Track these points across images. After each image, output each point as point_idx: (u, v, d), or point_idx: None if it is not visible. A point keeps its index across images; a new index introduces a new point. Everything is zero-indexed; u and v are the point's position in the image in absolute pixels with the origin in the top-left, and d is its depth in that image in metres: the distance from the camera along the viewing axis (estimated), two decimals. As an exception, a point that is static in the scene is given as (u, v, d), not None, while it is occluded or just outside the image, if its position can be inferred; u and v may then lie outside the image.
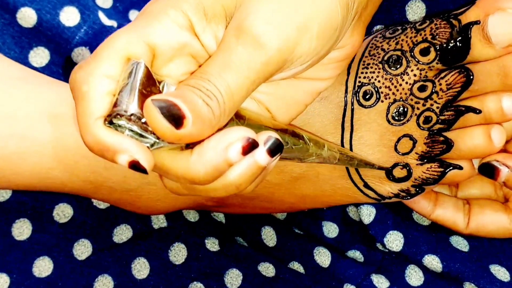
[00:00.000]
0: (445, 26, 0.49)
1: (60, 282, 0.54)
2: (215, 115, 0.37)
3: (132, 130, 0.37)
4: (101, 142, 0.37)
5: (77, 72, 0.39)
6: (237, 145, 0.38)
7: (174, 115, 0.35)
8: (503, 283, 0.56)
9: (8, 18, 0.56)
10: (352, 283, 0.57)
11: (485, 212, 0.55)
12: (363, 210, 0.58)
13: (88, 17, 0.57)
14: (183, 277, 0.55)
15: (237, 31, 0.39)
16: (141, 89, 0.38)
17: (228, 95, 0.38)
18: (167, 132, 0.36)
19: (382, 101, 0.51)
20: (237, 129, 0.39)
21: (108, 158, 0.38)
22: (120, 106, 0.37)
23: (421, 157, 0.52)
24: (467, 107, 0.50)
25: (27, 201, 0.56)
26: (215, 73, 0.38)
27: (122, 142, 0.37)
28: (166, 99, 0.36)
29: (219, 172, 0.39)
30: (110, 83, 0.38)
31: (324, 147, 0.47)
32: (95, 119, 0.38)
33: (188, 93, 0.37)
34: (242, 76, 0.38)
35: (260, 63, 0.39)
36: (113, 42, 0.39)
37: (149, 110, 0.35)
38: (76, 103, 0.39)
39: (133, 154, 0.37)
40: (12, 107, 0.51)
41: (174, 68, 0.42)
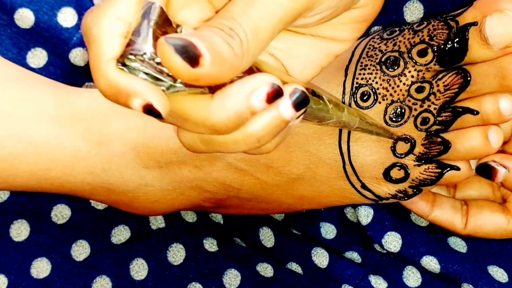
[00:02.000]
0: (443, 27, 0.49)
1: (58, 283, 0.54)
2: (236, 54, 0.35)
3: (146, 74, 0.35)
4: (114, 85, 0.35)
5: (88, 16, 0.37)
6: (262, 91, 0.36)
7: (190, 52, 0.33)
8: (501, 284, 0.56)
9: (5, 19, 0.56)
10: (350, 284, 0.57)
11: (483, 213, 0.55)
12: (360, 211, 0.58)
13: (85, 18, 0.57)
14: (182, 277, 0.55)
15: None
16: (156, 29, 0.36)
17: (253, 34, 0.36)
18: (181, 70, 0.34)
19: (380, 102, 0.51)
20: (262, 75, 0.37)
21: (122, 103, 0.36)
22: (133, 46, 0.35)
23: (418, 158, 0.52)
24: (465, 108, 0.50)
25: (25, 202, 0.56)
26: (239, 10, 0.36)
27: (135, 84, 0.35)
28: (181, 37, 0.34)
29: (242, 120, 0.37)
30: (122, 25, 0.36)
31: (344, 110, 0.45)
32: (107, 60, 0.35)
33: (207, 32, 0.35)
34: (269, 12, 0.36)
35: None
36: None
37: (162, 47, 0.33)
38: (88, 47, 0.37)
39: (147, 97, 0.35)
40: (9, 108, 0.51)
41: (190, 14, 0.40)
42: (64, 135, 0.52)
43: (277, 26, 0.37)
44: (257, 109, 0.37)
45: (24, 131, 0.51)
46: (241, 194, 0.55)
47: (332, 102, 0.44)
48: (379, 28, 0.56)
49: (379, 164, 0.52)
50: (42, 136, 0.51)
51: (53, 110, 0.52)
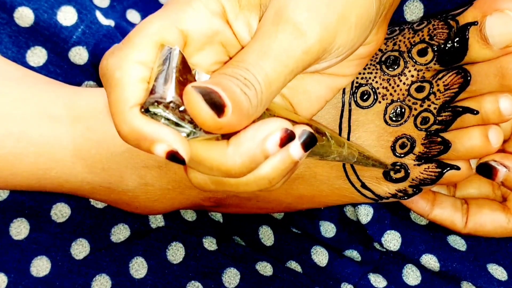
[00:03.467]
0: (443, 27, 0.49)
1: (57, 281, 0.54)
2: (252, 104, 0.36)
3: (168, 119, 0.36)
4: (137, 131, 0.36)
5: (109, 58, 0.38)
6: (276, 136, 0.38)
7: (216, 102, 0.34)
8: (501, 282, 0.56)
9: (5, 17, 0.56)
10: (349, 282, 0.57)
11: (483, 211, 0.55)
12: (360, 210, 0.58)
13: (85, 17, 0.57)
14: (181, 276, 0.56)
15: (276, 18, 0.38)
16: (178, 76, 0.36)
17: (266, 84, 0.37)
18: (208, 120, 0.35)
19: (380, 101, 0.51)
20: (275, 120, 0.38)
21: (144, 148, 0.37)
22: (158, 93, 0.36)
23: (418, 158, 0.52)
24: (465, 108, 0.50)
25: (25, 201, 0.56)
26: (252, 61, 0.37)
27: (159, 131, 0.36)
28: (206, 86, 0.34)
29: (256, 164, 0.38)
30: (144, 70, 0.37)
31: (344, 145, 0.46)
32: (130, 107, 0.36)
33: (227, 82, 0.36)
34: (281, 64, 0.37)
35: (300, 51, 0.38)
36: (146, 27, 0.38)
37: (190, 96, 0.34)
38: (109, 90, 0.37)
39: (171, 144, 0.36)
40: (8, 107, 0.51)
41: (204, 57, 0.41)
42: (64, 134, 0.51)
43: (289, 77, 0.38)
44: (270, 153, 0.38)
45: (24, 131, 0.51)
46: (241, 194, 0.55)
47: (334, 138, 0.45)
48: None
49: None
50: (42, 136, 0.51)
51: (53, 109, 0.52)
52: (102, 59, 0.39)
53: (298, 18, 0.38)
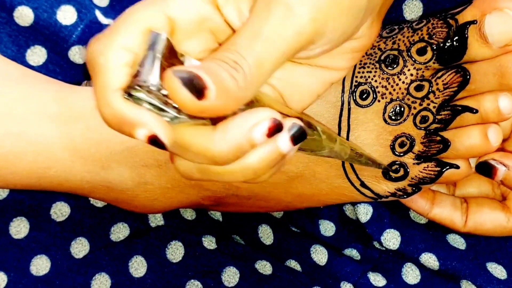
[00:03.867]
0: (442, 26, 0.49)
1: (57, 280, 0.54)
2: (240, 87, 0.36)
3: (151, 104, 0.36)
4: (119, 115, 0.36)
5: (94, 44, 0.38)
6: (263, 125, 0.37)
7: (196, 85, 0.34)
8: (500, 281, 0.56)
9: (5, 16, 0.56)
10: (349, 281, 0.57)
11: (482, 210, 0.55)
12: (360, 209, 0.58)
13: (85, 16, 0.57)
14: (180, 275, 0.56)
15: (268, 0, 0.38)
16: (163, 61, 0.36)
17: (257, 66, 0.37)
18: (188, 103, 0.34)
19: (379, 100, 0.51)
20: (264, 110, 0.38)
21: (126, 133, 0.37)
22: (140, 77, 0.36)
23: (417, 157, 0.52)
24: (464, 107, 0.50)
25: (24, 200, 0.56)
26: (243, 43, 0.37)
27: (141, 116, 0.36)
28: (187, 70, 0.34)
29: (241, 152, 0.38)
30: (128, 55, 0.37)
31: (336, 141, 0.46)
32: (113, 90, 0.36)
33: (213, 65, 0.35)
34: (273, 46, 0.37)
35: (292, 32, 0.38)
36: (132, 13, 0.38)
37: (169, 80, 0.34)
38: (93, 76, 0.38)
39: (152, 128, 0.36)
40: (8, 106, 0.51)
41: (193, 44, 0.41)
42: (64, 133, 0.51)
43: (280, 59, 0.38)
44: (257, 142, 0.37)
45: (24, 130, 0.51)
46: (240, 192, 0.55)
47: (326, 133, 0.45)
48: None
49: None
50: (42, 135, 0.51)
51: (53, 108, 0.52)
52: (88, 46, 0.38)
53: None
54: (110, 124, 0.37)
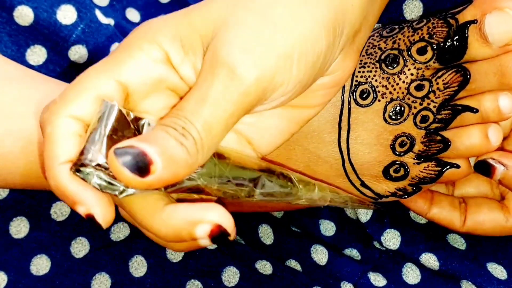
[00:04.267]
0: (442, 25, 0.49)
1: (57, 280, 0.54)
2: (191, 154, 0.36)
3: (100, 177, 0.37)
4: (62, 189, 0.37)
5: (44, 112, 0.38)
6: (207, 227, 0.37)
7: (139, 162, 0.34)
8: (500, 281, 0.56)
9: (5, 16, 0.56)
10: (349, 281, 0.57)
11: (481, 210, 0.55)
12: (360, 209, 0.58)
13: (85, 15, 0.57)
14: (181, 274, 0.56)
15: (212, 62, 0.38)
16: (111, 135, 0.37)
17: (206, 131, 0.37)
18: (132, 182, 0.35)
19: (379, 100, 0.51)
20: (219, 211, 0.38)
21: (68, 204, 0.38)
22: (86, 155, 0.36)
23: (418, 156, 0.52)
24: (464, 106, 0.50)
25: (25, 200, 0.56)
26: (191, 109, 0.37)
27: (81, 193, 0.37)
28: (131, 145, 0.35)
29: (181, 239, 0.38)
30: (77, 124, 0.37)
31: (315, 189, 0.46)
32: (59, 164, 0.37)
33: (160, 134, 0.36)
34: (219, 109, 0.37)
35: (237, 93, 0.37)
36: (82, 81, 0.38)
37: (111, 160, 0.34)
38: (44, 145, 0.38)
39: (90, 208, 0.37)
40: (8, 105, 0.51)
41: (152, 103, 0.41)
42: None
43: (230, 120, 0.38)
44: (197, 238, 0.38)
45: (24, 129, 0.51)
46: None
47: (302, 182, 0.45)
48: (378, 25, 0.56)
49: (378, 162, 0.52)
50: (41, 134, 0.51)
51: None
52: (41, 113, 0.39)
53: (232, 60, 0.38)
54: (55, 193, 0.38)
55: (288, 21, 0.39)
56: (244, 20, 0.39)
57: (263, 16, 0.39)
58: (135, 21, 0.64)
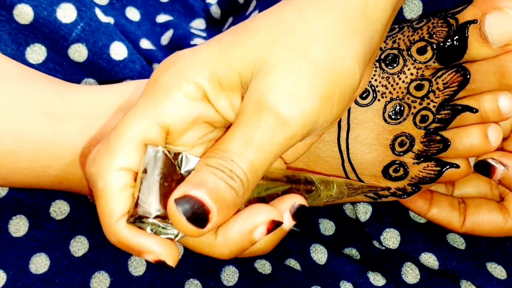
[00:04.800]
0: (442, 25, 0.49)
1: (56, 278, 0.54)
2: (238, 195, 0.37)
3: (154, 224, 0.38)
4: (125, 243, 0.38)
5: (92, 166, 0.39)
6: (262, 228, 0.39)
7: (199, 214, 0.36)
8: (500, 281, 0.56)
9: (4, 14, 0.56)
10: (348, 280, 0.57)
11: (480, 211, 0.55)
12: (359, 208, 0.58)
13: (85, 14, 0.57)
14: (180, 274, 0.55)
15: (258, 107, 0.39)
16: (162, 183, 0.37)
17: (252, 173, 0.38)
18: (194, 234, 0.36)
19: (379, 99, 0.51)
20: (262, 212, 0.39)
21: (134, 254, 0.39)
22: (143, 207, 0.37)
23: (417, 156, 0.52)
24: (464, 106, 0.50)
25: (24, 198, 0.56)
26: (237, 151, 0.38)
27: (146, 243, 0.38)
28: (188, 196, 0.36)
29: (244, 250, 0.40)
30: (127, 176, 0.38)
31: (334, 186, 0.47)
32: (116, 220, 0.38)
33: (210, 178, 0.37)
34: (265, 152, 0.38)
35: (284, 138, 0.39)
36: (125, 129, 0.39)
37: (173, 214, 0.36)
38: (95, 198, 0.39)
39: (158, 255, 0.38)
40: (7, 104, 0.51)
41: (189, 137, 0.41)
42: (63, 131, 0.51)
43: (273, 160, 0.39)
44: (258, 240, 0.39)
45: (23, 128, 0.51)
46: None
47: (322, 183, 0.46)
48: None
49: (378, 162, 0.52)
50: (41, 133, 0.51)
51: (52, 107, 0.52)
52: (85, 165, 0.40)
53: (279, 107, 0.38)
54: (119, 247, 0.39)
55: (327, 61, 0.40)
56: (285, 61, 0.39)
57: (303, 56, 0.40)
58: (135, 20, 0.64)
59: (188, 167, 0.39)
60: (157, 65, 0.62)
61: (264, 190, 0.42)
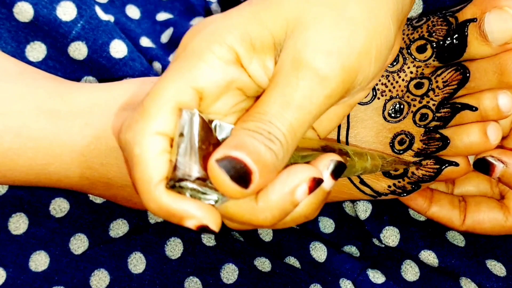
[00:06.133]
0: (442, 24, 0.49)
1: (56, 276, 0.54)
2: (278, 158, 0.36)
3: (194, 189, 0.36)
4: (166, 209, 0.37)
5: (126, 132, 0.38)
6: (303, 186, 0.37)
7: (242, 174, 0.34)
8: (499, 278, 0.56)
9: (4, 12, 0.56)
10: (348, 278, 0.57)
11: (480, 209, 0.55)
12: (359, 206, 0.58)
13: (85, 12, 0.57)
14: (179, 271, 0.56)
15: (295, 64, 0.38)
16: (200, 145, 0.36)
17: (291, 134, 0.37)
18: (237, 194, 0.35)
19: (379, 98, 0.51)
20: (302, 170, 0.38)
21: (175, 222, 0.37)
22: (182, 169, 0.36)
23: (417, 154, 0.52)
24: (464, 104, 0.50)
25: (24, 196, 0.56)
26: (276, 113, 0.37)
27: (187, 208, 0.36)
28: (229, 156, 0.34)
29: (286, 214, 0.38)
30: (163, 140, 0.37)
31: (368, 158, 0.46)
32: (155, 184, 0.36)
33: (249, 140, 0.35)
34: (305, 112, 0.37)
35: (323, 97, 0.37)
36: (160, 93, 0.37)
37: (215, 174, 0.34)
38: (131, 165, 0.37)
39: (201, 219, 0.36)
40: (7, 102, 0.51)
41: (221, 105, 0.40)
42: (63, 129, 0.51)
43: (312, 121, 0.38)
44: (300, 201, 0.38)
45: (23, 126, 0.51)
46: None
47: (357, 155, 0.45)
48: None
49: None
50: (41, 131, 0.51)
51: (52, 104, 0.52)
52: (119, 133, 0.38)
53: (318, 63, 0.37)
54: (157, 215, 0.38)
55: (363, 17, 0.39)
56: (321, 18, 0.38)
57: (339, 12, 0.39)
58: (135, 18, 0.64)
59: (223, 136, 0.38)
60: (157, 63, 0.62)
61: (301, 158, 0.41)
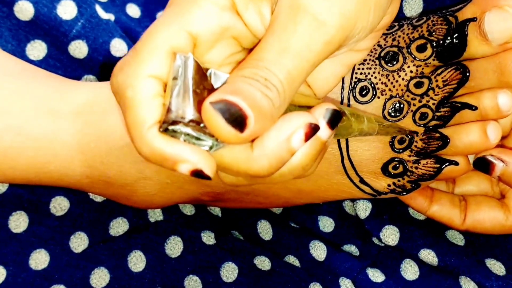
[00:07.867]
0: (442, 23, 0.49)
1: (56, 274, 0.54)
2: (275, 106, 0.35)
3: (188, 134, 0.35)
4: (159, 153, 0.35)
5: (118, 75, 0.37)
6: (299, 133, 0.36)
7: (237, 117, 0.33)
8: (499, 277, 0.56)
9: (5, 11, 0.56)
10: (347, 277, 0.57)
11: (481, 208, 0.55)
12: (359, 205, 0.58)
13: (85, 11, 0.57)
14: (179, 270, 0.56)
15: (293, 10, 0.37)
16: (195, 89, 0.35)
17: (289, 82, 0.36)
18: (231, 138, 0.34)
19: (379, 97, 0.51)
20: (297, 116, 0.37)
21: (167, 167, 0.36)
22: (175, 111, 0.35)
23: (417, 153, 0.52)
24: (463, 104, 0.50)
25: (24, 194, 0.56)
26: (272, 59, 0.36)
27: (182, 151, 0.35)
28: (224, 99, 0.33)
29: (283, 162, 0.37)
30: (156, 83, 0.36)
31: (365, 120, 0.45)
32: (148, 127, 0.35)
33: (245, 87, 0.34)
34: (303, 59, 0.36)
35: (322, 43, 0.37)
36: (153, 36, 0.36)
37: (209, 115, 0.33)
38: (123, 109, 0.36)
39: (195, 164, 0.35)
40: (7, 101, 0.51)
41: (216, 53, 0.39)
42: (63, 128, 0.51)
43: (310, 70, 0.37)
44: (297, 149, 0.37)
45: (23, 125, 0.51)
46: (239, 188, 0.55)
47: (354, 115, 0.44)
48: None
49: (377, 159, 0.52)
50: (41, 130, 0.51)
51: (52, 103, 0.52)
52: (111, 76, 0.37)
53: (317, 7, 0.36)
54: (149, 160, 0.36)
55: None
56: None
57: None
58: (135, 17, 0.64)
59: (218, 84, 0.37)
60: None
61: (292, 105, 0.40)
